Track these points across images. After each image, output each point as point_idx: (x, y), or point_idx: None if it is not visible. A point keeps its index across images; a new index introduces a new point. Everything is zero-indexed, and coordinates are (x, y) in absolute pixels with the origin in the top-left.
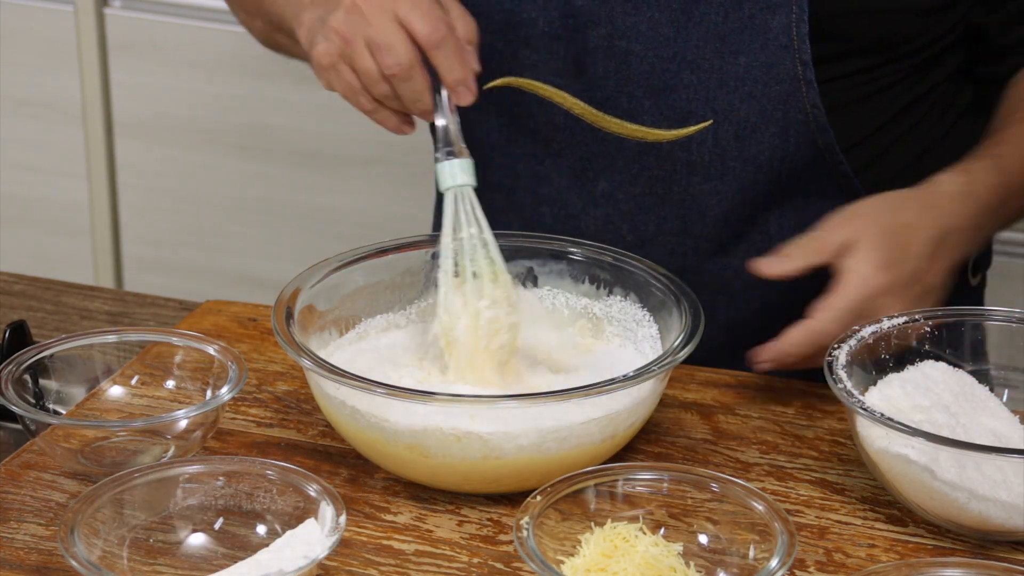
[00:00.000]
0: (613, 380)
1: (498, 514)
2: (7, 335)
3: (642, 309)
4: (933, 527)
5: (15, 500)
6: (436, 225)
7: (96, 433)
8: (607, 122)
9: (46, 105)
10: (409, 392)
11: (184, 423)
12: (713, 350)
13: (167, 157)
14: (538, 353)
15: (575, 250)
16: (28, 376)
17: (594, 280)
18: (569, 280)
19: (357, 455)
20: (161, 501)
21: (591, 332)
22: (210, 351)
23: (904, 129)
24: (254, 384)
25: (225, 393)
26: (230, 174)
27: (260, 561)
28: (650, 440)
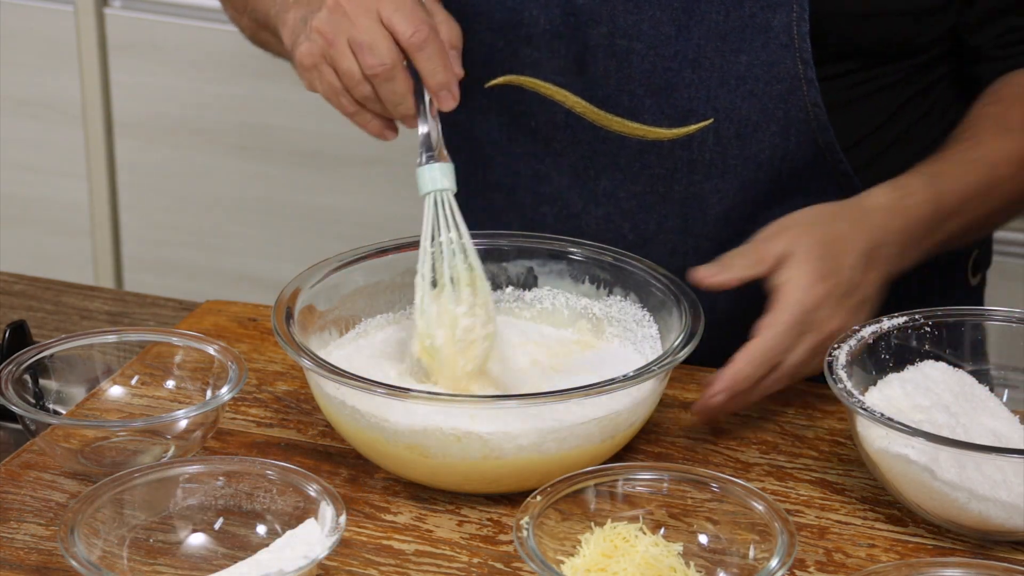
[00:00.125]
0: (613, 380)
1: (498, 514)
2: (7, 335)
3: (642, 309)
4: (933, 527)
5: (15, 500)
6: None
7: (96, 433)
8: (608, 121)
9: (46, 105)
10: (409, 392)
11: (184, 423)
12: (713, 350)
13: (167, 157)
14: (537, 355)
15: (575, 250)
16: (28, 376)
17: (594, 280)
18: (569, 280)
19: (357, 455)
20: (161, 501)
21: (591, 332)
22: (210, 351)
23: (904, 128)
24: (254, 384)
25: (225, 393)
26: (230, 174)
27: (260, 561)
28: (650, 440)
